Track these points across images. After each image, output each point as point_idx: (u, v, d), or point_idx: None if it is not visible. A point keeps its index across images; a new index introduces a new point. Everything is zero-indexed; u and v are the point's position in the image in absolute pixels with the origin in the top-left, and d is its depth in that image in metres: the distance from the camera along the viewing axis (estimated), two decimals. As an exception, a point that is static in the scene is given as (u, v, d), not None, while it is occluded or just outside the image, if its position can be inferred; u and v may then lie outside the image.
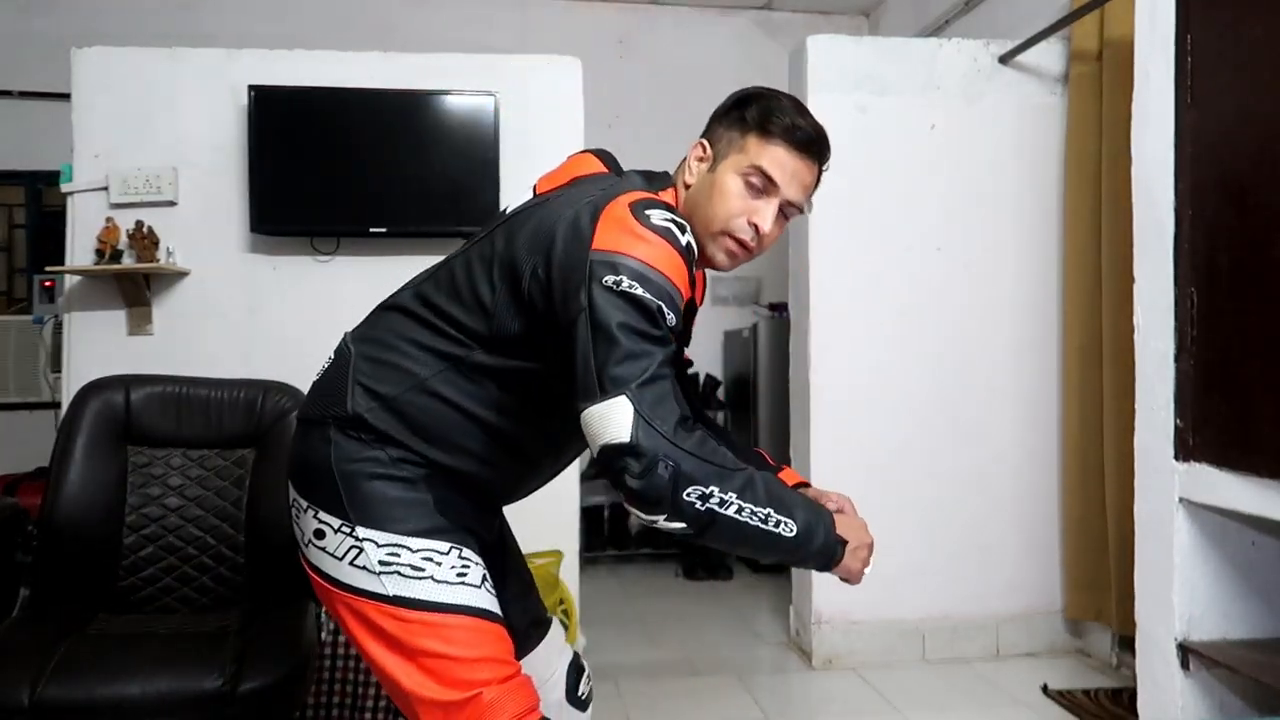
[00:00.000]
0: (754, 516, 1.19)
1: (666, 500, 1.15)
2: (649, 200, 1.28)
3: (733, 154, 1.34)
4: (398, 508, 1.30)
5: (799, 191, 1.35)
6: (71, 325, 3.16)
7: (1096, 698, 3.02)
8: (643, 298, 1.18)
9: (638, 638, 3.73)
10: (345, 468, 1.30)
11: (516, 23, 5.18)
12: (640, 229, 1.23)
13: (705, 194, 1.36)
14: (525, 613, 1.52)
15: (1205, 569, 2.25)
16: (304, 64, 3.24)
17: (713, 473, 1.17)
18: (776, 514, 1.21)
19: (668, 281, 1.21)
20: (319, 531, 1.31)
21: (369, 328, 1.42)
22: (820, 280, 3.42)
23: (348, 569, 1.29)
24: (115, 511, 2.36)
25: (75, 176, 3.14)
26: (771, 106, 1.34)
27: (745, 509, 1.18)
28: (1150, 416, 2.35)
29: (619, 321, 1.17)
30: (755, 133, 1.33)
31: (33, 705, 1.84)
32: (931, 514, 3.46)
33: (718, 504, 1.17)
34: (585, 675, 1.58)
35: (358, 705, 2.50)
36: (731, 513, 1.17)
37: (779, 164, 1.32)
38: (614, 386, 1.15)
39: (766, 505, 1.20)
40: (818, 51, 3.44)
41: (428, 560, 1.28)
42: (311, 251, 3.22)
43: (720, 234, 1.35)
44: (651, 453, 1.13)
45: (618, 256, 1.20)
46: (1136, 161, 2.41)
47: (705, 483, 1.16)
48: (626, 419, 1.14)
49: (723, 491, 1.17)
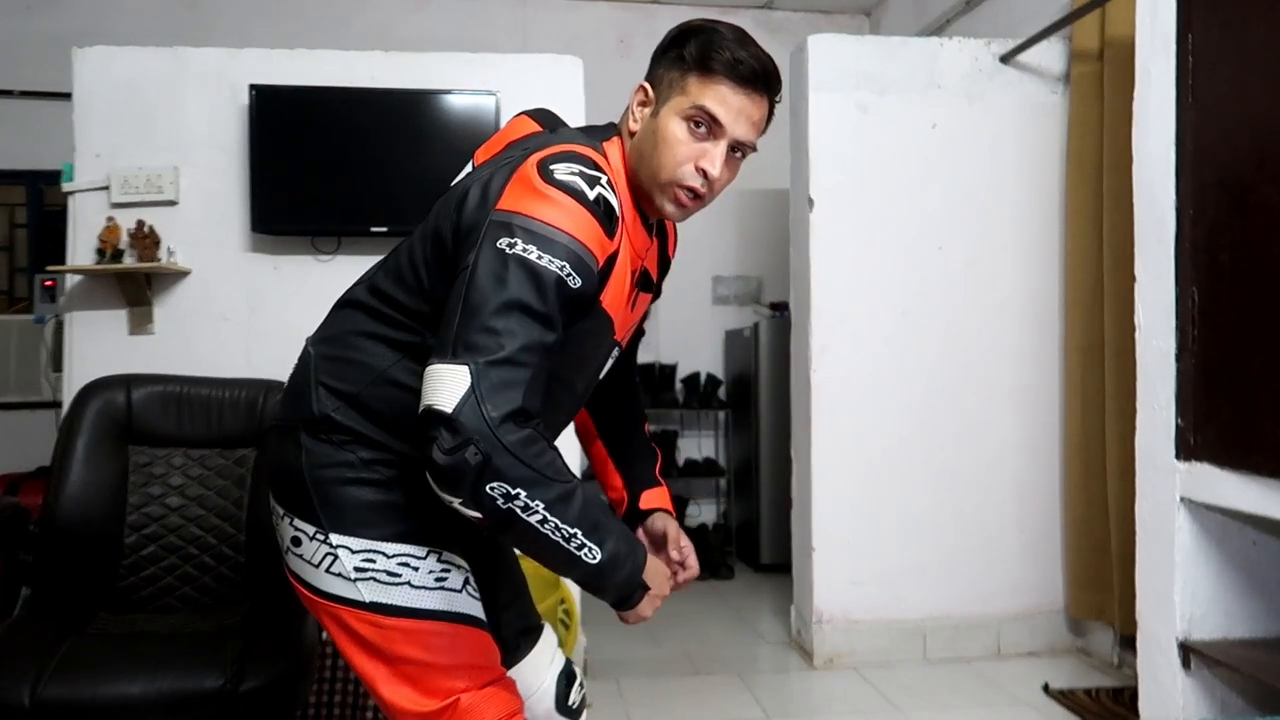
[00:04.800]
0: (557, 532, 1.12)
1: (466, 487, 1.08)
2: (561, 153, 1.20)
3: (674, 95, 1.24)
4: (371, 512, 1.27)
5: (748, 129, 1.25)
6: (73, 325, 3.16)
7: (1098, 697, 3.01)
8: (537, 264, 1.11)
9: (639, 637, 3.72)
10: (317, 474, 1.28)
11: (517, 22, 5.18)
12: (544, 187, 1.15)
13: (649, 141, 1.26)
14: (515, 620, 1.50)
15: (1207, 568, 2.24)
16: (305, 63, 3.24)
17: (526, 476, 1.09)
18: (584, 537, 1.14)
19: (573, 241, 1.14)
20: (295, 539, 1.29)
21: (326, 328, 1.38)
22: (821, 279, 3.42)
23: (325, 576, 1.27)
24: (116, 511, 2.36)
25: (76, 176, 3.14)
26: (711, 40, 1.23)
27: (550, 522, 1.11)
28: (1151, 415, 2.35)
29: (497, 293, 1.10)
30: (696, 71, 1.23)
31: (33, 705, 1.84)
32: (932, 513, 3.46)
33: (521, 508, 1.10)
34: (577, 683, 1.55)
35: (358, 705, 2.50)
36: (534, 521, 1.11)
37: (723, 102, 1.22)
38: (464, 353, 1.09)
39: (575, 526, 1.13)
40: (818, 51, 3.44)
41: (404, 565, 1.26)
42: (312, 251, 3.22)
43: (669, 183, 1.26)
44: (467, 434, 1.06)
45: (516, 217, 1.14)
46: (1138, 161, 2.41)
47: (514, 484, 1.08)
48: (459, 390, 1.07)
49: (530, 498, 1.10)
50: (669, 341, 5.21)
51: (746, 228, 5.24)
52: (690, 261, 4.31)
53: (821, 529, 3.41)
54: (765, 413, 4.78)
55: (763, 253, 5.30)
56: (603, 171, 1.21)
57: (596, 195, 1.17)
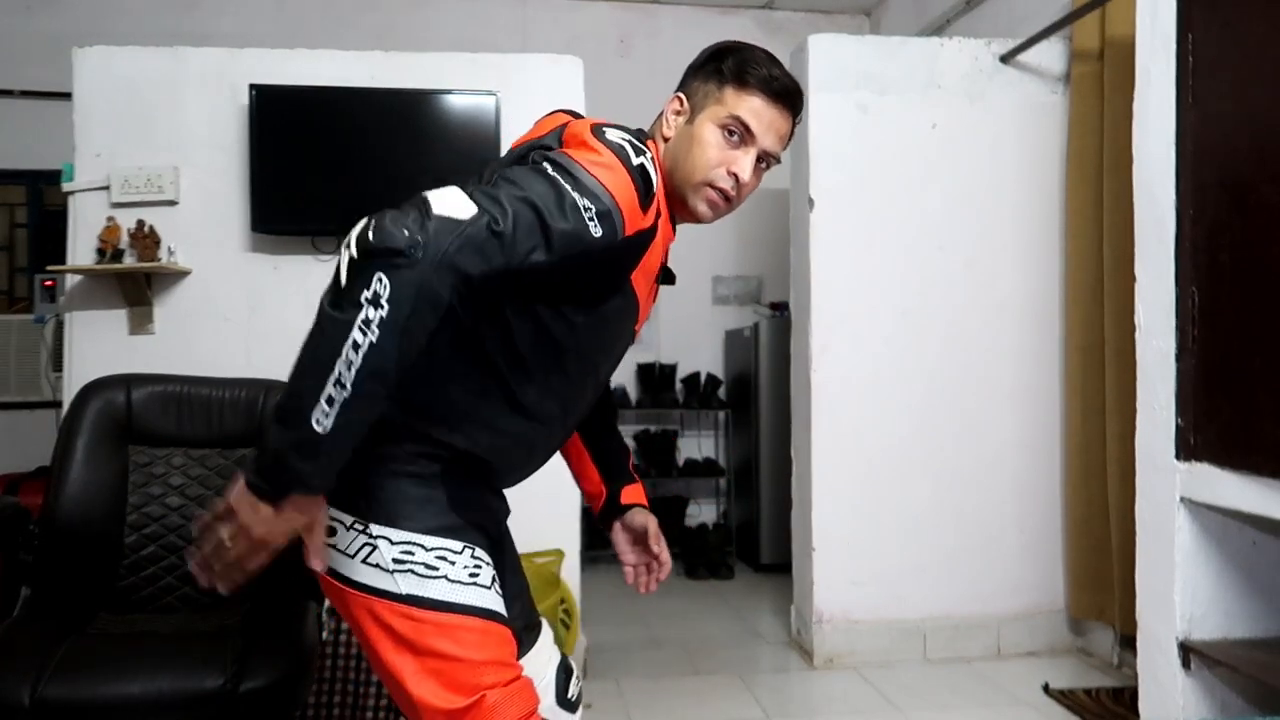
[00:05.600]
0: (346, 367, 1.04)
1: (371, 255, 1.04)
2: (611, 125, 1.29)
3: (710, 105, 1.35)
4: (412, 505, 1.28)
5: (775, 142, 1.36)
6: (73, 324, 3.16)
7: (1098, 697, 3.01)
8: (568, 193, 1.16)
9: (639, 637, 3.73)
10: (362, 464, 1.27)
11: (517, 22, 5.18)
12: (593, 141, 1.24)
13: (684, 146, 1.36)
14: (520, 616, 1.50)
15: (1207, 568, 2.25)
16: (305, 63, 3.24)
17: (403, 311, 1.04)
18: (343, 404, 1.05)
19: (607, 194, 1.19)
20: (330, 529, 1.29)
21: None
22: (821, 279, 3.42)
23: (360, 567, 1.27)
24: (116, 511, 2.36)
25: (76, 176, 3.14)
26: (747, 58, 1.35)
27: (356, 358, 1.04)
28: (1152, 416, 2.35)
29: (522, 188, 1.14)
30: (732, 84, 1.34)
31: (34, 705, 1.84)
32: (932, 513, 3.46)
33: (364, 319, 1.03)
34: (574, 676, 1.56)
35: (358, 705, 2.50)
36: (354, 336, 1.04)
37: (756, 114, 1.33)
38: (480, 200, 1.11)
39: (353, 389, 1.05)
40: (819, 51, 3.44)
41: (441, 559, 1.27)
42: (312, 251, 3.22)
43: (701, 184, 1.35)
44: (427, 235, 1.05)
45: (562, 157, 1.21)
46: (1138, 160, 2.41)
47: (392, 302, 1.03)
48: (455, 212, 1.08)
49: (380, 326, 1.04)
50: (669, 341, 5.21)
51: (746, 228, 5.23)
52: (690, 261, 4.31)
53: (821, 529, 3.41)
54: (765, 413, 4.78)
55: (763, 253, 5.30)
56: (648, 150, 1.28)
57: (639, 164, 1.24)
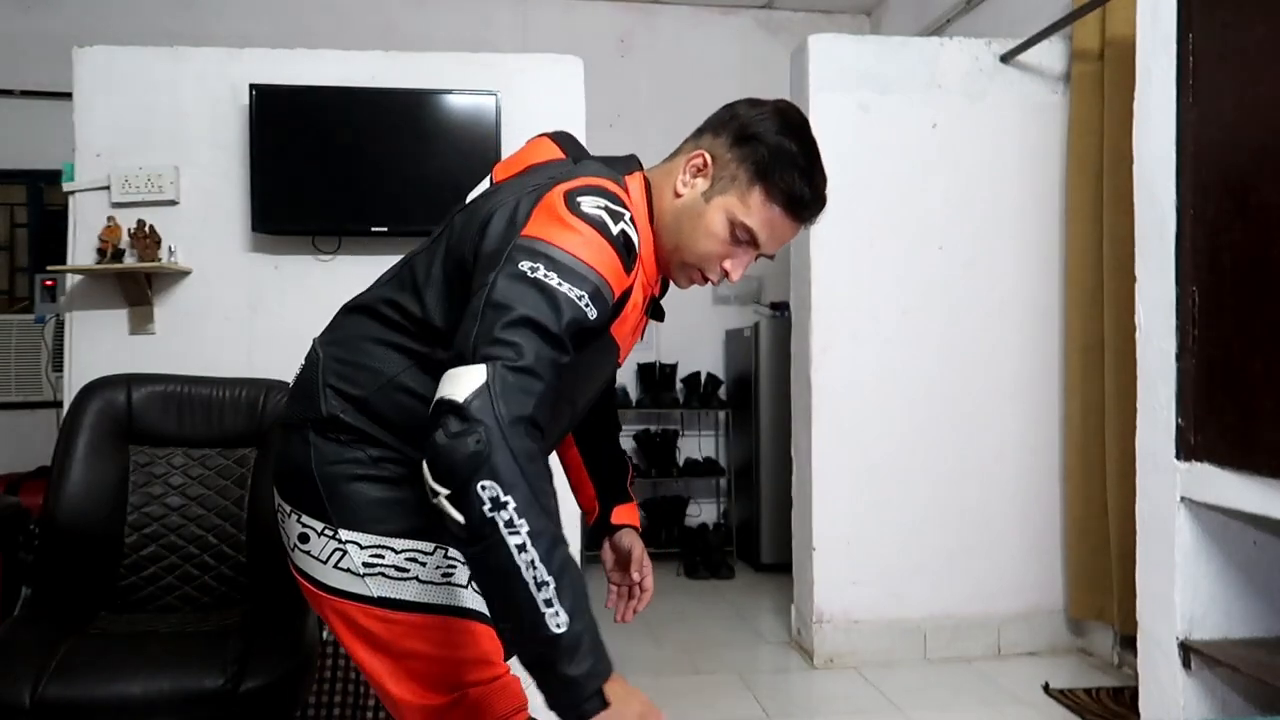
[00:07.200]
0: (531, 570, 1.00)
1: (459, 477, 1.00)
2: (586, 187, 1.21)
3: (732, 193, 1.29)
4: (380, 508, 1.28)
5: (775, 246, 1.34)
6: (73, 324, 3.15)
7: (1098, 696, 3.02)
8: (557, 290, 1.10)
9: (639, 636, 3.73)
10: (326, 470, 1.29)
11: (517, 22, 5.18)
12: (570, 217, 1.17)
13: (690, 219, 1.31)
14: None
15: (1207, 568, 2.24)
16: (305, 63, 3.24)
17: (522, 489, 1.01)
18: (556, 594, 1.01)
19: (593, 272, 1.14)
20: (303, 536, 1.30)
21: (335, 330, 1.39)
22: (822, 279, 3.42)
23: (332, 572, 1.28)
24: (117, 511, 2.36)
25: (77, 175, 3.14)
26: (787, 161, 1.29)
27: (529, 553, 1.00)
28: (1152, 415, 2.35)
29: (514, 308, 1.09)
30: (761, 186, 1.28)
31: (34, 704, 1.84)
32: (933, 513, 3.46)
33: (505, 521, 1.00)
34: None
35: (358, 704, 2.50)
36: (512, 543, 1.00)
37: (770, 227, 1.30)
38: (483, 358, 1.06)
39: (552, 575, 1.01)
40: (819, 50, 3.44)
41: (412, 561, 1.27)
42: (313, 250, 3.22)
43: (692, 265, 1.33)
44: (475, 420, 1.01)
45: (540, 244, 1.14)
46: (1138, 160, 2.41)
47: (507, 490, 1.00)
48: (474, 384, 1.03)
49: (518, 513, 1.00)
50: (669, 341, 5.21)
51: (747, 227, 5.23)
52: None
53: (822, 529, 3.41)
54: (765, 412, 4.78)
55: (763, 252, 5.30)
56: (626, 208, 1.23)
57: (619, 230, 1.19)
